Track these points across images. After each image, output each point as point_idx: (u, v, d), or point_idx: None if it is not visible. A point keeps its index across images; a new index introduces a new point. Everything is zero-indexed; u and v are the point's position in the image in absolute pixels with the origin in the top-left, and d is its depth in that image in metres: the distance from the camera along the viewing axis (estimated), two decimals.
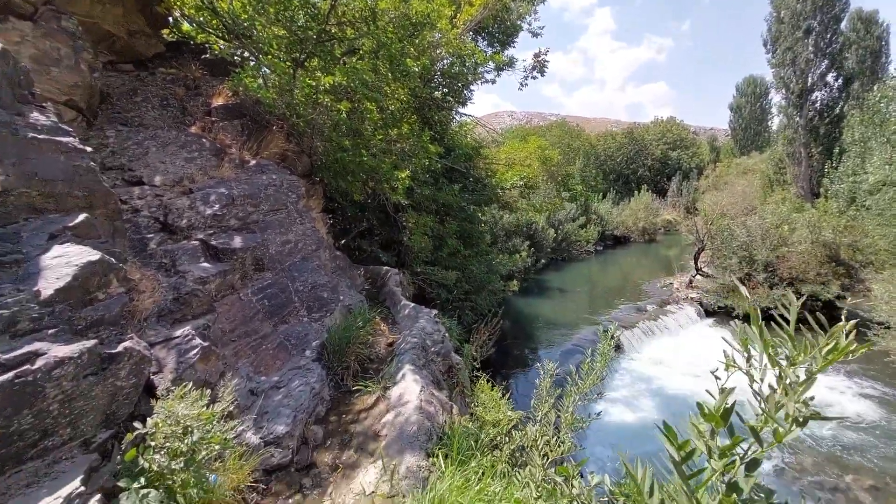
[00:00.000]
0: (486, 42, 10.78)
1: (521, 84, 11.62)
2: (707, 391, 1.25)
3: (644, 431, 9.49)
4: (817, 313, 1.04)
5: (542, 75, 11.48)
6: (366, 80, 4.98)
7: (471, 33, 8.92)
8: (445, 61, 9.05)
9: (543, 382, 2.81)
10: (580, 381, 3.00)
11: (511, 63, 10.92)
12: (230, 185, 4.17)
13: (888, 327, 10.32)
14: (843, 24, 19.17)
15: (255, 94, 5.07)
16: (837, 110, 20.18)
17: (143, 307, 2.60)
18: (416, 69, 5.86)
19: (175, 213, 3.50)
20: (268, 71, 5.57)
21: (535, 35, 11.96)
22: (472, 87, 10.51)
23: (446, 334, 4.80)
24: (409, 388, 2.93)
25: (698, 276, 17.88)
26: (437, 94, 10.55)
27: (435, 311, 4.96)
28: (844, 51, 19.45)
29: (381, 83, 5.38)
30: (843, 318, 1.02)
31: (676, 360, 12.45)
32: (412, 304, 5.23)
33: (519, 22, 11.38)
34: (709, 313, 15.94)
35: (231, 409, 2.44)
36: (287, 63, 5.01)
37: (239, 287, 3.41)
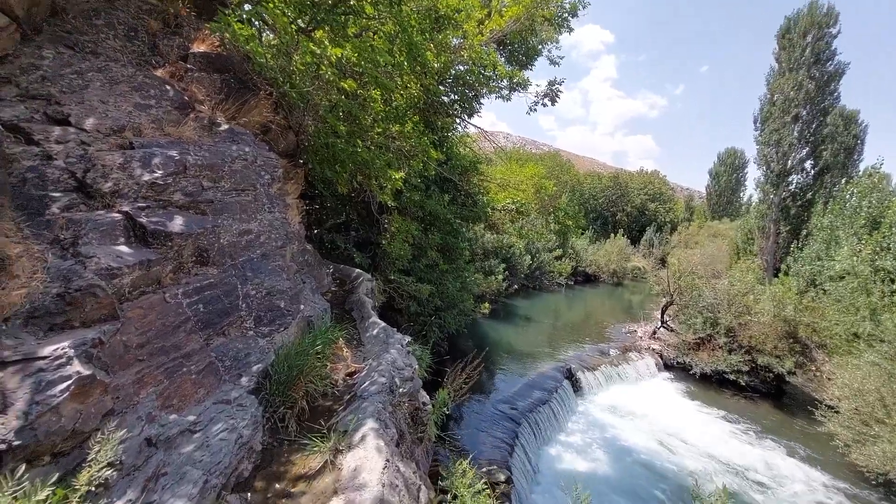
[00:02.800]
0: (505, 58, 10.33)
1: (531, 108, 11.24)
2: None
3: (593, 484, 9.08)
4: None
5: (553, 104, 11.16)
6: (379, 61, 4.28)
7: (493, 45, 8.42)
8: (461, 67, 8.49)
9: None
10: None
11: (525, 85, 10.52)
12: (187, 148, 3.31)
13: (837, 411, 10.53)
14: (828, 118, 20.40)
15: (244, 47, 4.24)
16: (809, 195, 21.36)
17: (8, 300, 1.75)
18: (437, 65, 5.23)
19: (99, 171, 2.62)
20: (266, 23, 4.75)
21: (553, 63, 11.66)
22: (482, 100, 9.98)
23: (416, 368, 4.10)
24: (368, 459, 2.21)
25: (662, 329, 18.09)
26: (447, 98, 9.96)
27: (408, 339, 4.25)
28: (825, 142, 20.67)
29: (395, 71, 4.70)
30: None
31: (632, 410, 12.27)
32: (382, 324, 4.49)
33: (540, 46, 11.03)
34: (667, 367, 16.04)
35: (106, 475, 1.64)
36: (290, 19, 4.22)
37: (167, 284, 2.57)
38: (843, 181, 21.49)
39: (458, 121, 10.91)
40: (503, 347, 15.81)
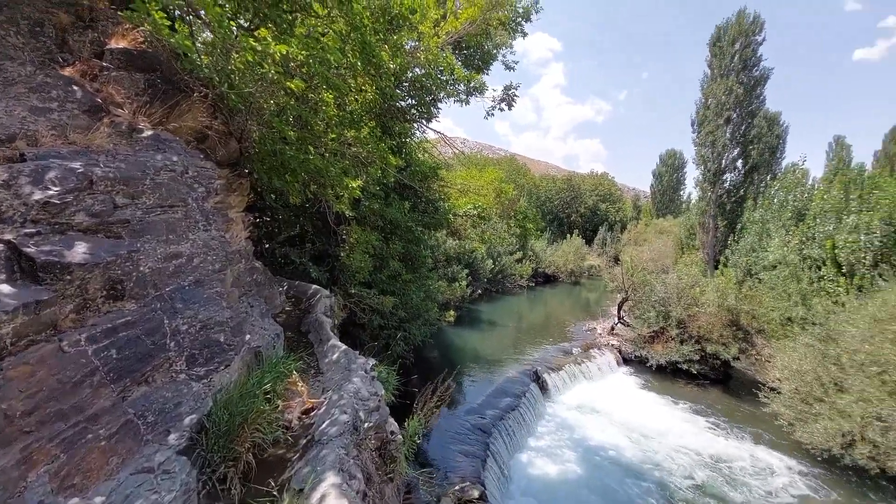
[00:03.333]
0: (461, 62, 10.22)
1: (489, 113, 11.22)
2: None
3: (566, 487, 9.09)
4: None
5: (510, 108, 11.22)
6: (330, 61, 3.90)
7: (450, 47, 8.26)
8: (418, 70, 8.24)
9: None
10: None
11: (483, 89, 10.47)
12: (95, 158, 2.75)
13: (778, 392, 11.29)
14: (755, 120, 22.34)
15: (170, 41, 3.69)
16: (741, 192, 23.23)
17: None
18: (393, 66, 4.92)
19: None
20: (197, 17, 4.20)
21: (508, 68, 11.74)
22: (440, 104, 9.79)
23: (382, 395, 3.74)
24: None
25: (620, 325, 18.79)
26: (404, 103, 9.66)
27: (372, 362, 3.88)
28: (753, 142, 22.60)
29: (348, 73, 4.34)
30: None
31: (597, 407, 12.53)
32: (343, 347, 4.07)
33: (495, 51, 11.05)
34: (626, 361, 16.62)
35: None
36: (224, 11, 3.72)
37: (66, 329, 2.05)
38: (769, 178, 23.61)
39: (416, 126, 10.64)
40: (469, 355, 15.66)
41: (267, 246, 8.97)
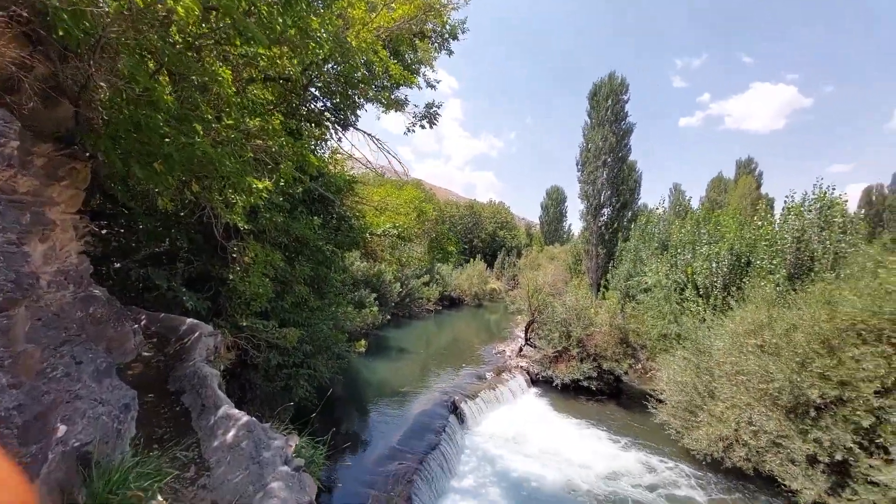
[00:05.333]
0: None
1: (409, 129, 10.63)
2: None
3: None
4: None
5: (432, 127, 10.82)
6: None
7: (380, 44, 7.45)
8: (333, 66, 7.19)
9: None
10: None
11: (403, 104, 9.85)
12: None
13: (664, 402, 12.54)
14: (624, 164, 26.33)
15: None
16: (615, 225, 26.87)
17: None
18: (324, 34, 3.85)
19: None
20: None
21: (430, 86, 11.40)
22: (358, 111, 8.81)
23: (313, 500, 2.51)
24: None
25: (527, 346, 19.42)
26: (318, 105, 8.44)
27: (294, 442, 2.60)
28: (623, 183, 26.55)
29: (263, 30, 3.18)
30: None
31: (514, 434, 12.30)
32: (243, 420, 2.68)
33: (417, 66, 10.61)
34: (534, 382, 17.06)
35: None
36: None
37: None
38: (629, 214, 27.80)
39: (329, 133, 9.41)
40: (381, 388, 14.23)
41: (118, 265, 6.63)
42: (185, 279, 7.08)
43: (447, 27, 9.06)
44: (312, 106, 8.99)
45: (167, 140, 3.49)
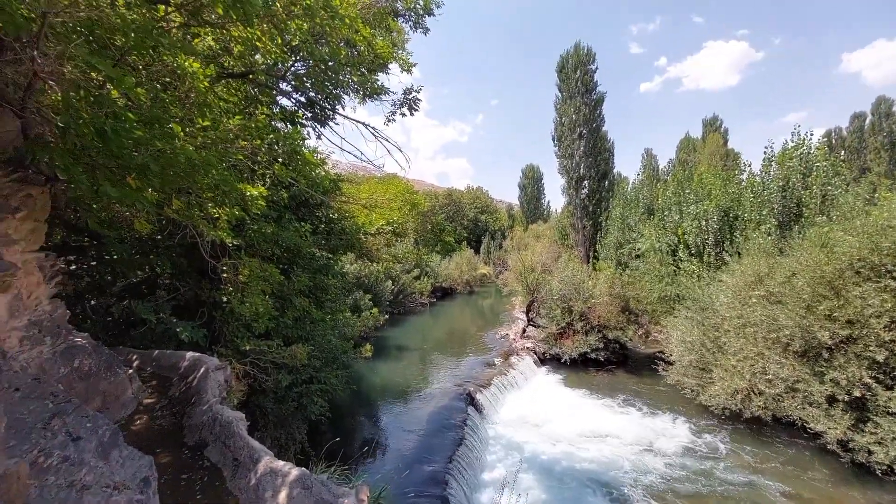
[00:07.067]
0: (357, 56, 8.79)
1: (388, 119, 10.02)
2: None
3: None
4: None
5: (412, 114, 10.23)
6: None
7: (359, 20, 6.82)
8: (305, 58, 6.54)
9: None
10: None
11: (382, 91, 9.23)
12: None
13: (671, 363, 12.64)
14: (599, 134, 26.32)
15: None
16: (598, 195, 26.96)
17: None
18: (310, 1, 3.27)
19: None
20: None
21: (405, 70, 10.77)
22: (339, 102, 8.15)
23: None
24: None
25: (531, 326, 19.35)
26: (292, 101, 7.75)
27: (367, 494, 2.15)
28: (601, 153, 26.56)
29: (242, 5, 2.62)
30: None
31: (534, 416, 12.17)
32: (294, 474, 2.20)
33: (394, 47, 9.94)
34: (543, 360, 17.02)
35: None
36: None
37: None
38: (606, 183, 27.90)
39: (308, 132, 8.72)
40: (389, 390, 13.81)
41: (94, 303, 5.91)
42: (174, 308, 6.42)
43: (420, 2, 8.44)
44: (285, 102, 8.29)
45: (140, 148, 2.90)
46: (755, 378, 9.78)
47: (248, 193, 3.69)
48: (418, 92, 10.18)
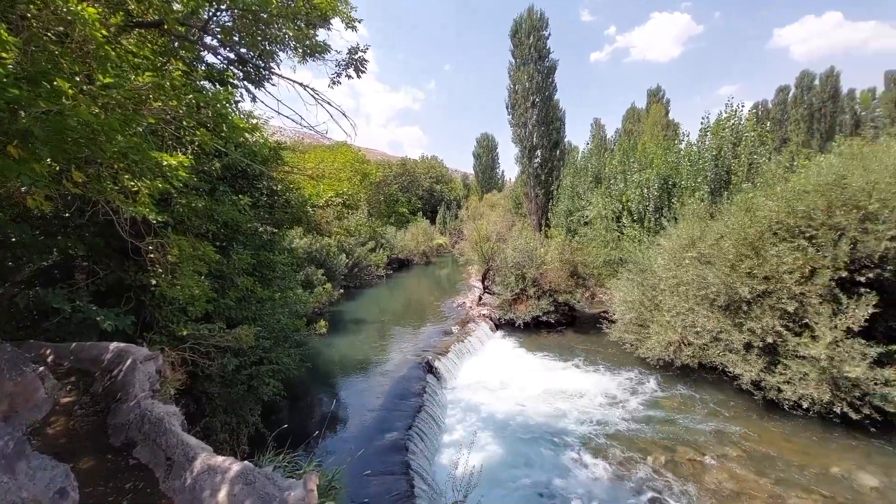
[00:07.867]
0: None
1: (333, 81, 9.27)
2: None
3: (494, 471, 8.68)
4: None
5: (359, 76, 9.55)
6: None
7: None
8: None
9: None
10: None
11: (323, 50, 8.45)
12: None
13: (614, 322, 13.64)
14: (551, 103, 26.48)
15: None
16: (550, 165, 27.51)
17: None
18: None
19: None
20: None
21: (349, 26, 9.92)
22: (273, 59, 7.37)
23: None
24: None
25: (486, 294, 19.86)
26: (220, 57, 6.90)
27: (316, 482, 2.04)
28: (553, 122, 26.86)
29: None
30: None
31: (491, 379, 12.72)
32: (234, 467, 2.04)
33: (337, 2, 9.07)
34: (498, 326, 17.68)
35: None
36: None
37: None
38: (558, 152, 28.54)
39: (241, 93, 7.86)
40: (348, 365, 13.72)
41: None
42: (95, 294, 5.74)
43: None
44: (211, 59, 7.35)
45: (21, 111, 2.40)
46: (686, 331, 10.80)
47: (166, 163, 3.23)
48: (364, 52, 9.47)
